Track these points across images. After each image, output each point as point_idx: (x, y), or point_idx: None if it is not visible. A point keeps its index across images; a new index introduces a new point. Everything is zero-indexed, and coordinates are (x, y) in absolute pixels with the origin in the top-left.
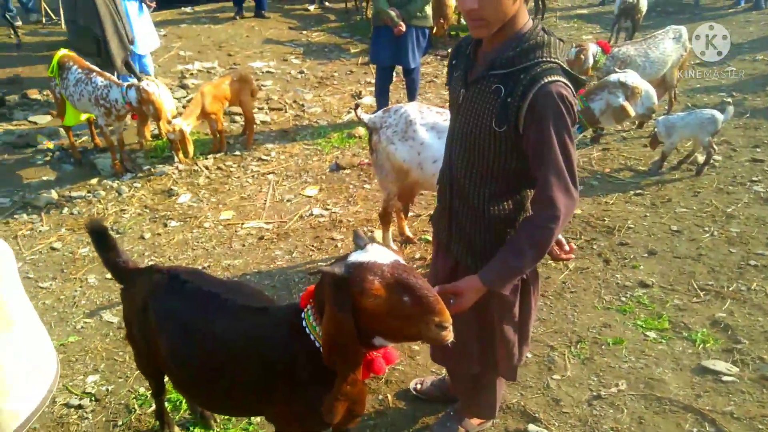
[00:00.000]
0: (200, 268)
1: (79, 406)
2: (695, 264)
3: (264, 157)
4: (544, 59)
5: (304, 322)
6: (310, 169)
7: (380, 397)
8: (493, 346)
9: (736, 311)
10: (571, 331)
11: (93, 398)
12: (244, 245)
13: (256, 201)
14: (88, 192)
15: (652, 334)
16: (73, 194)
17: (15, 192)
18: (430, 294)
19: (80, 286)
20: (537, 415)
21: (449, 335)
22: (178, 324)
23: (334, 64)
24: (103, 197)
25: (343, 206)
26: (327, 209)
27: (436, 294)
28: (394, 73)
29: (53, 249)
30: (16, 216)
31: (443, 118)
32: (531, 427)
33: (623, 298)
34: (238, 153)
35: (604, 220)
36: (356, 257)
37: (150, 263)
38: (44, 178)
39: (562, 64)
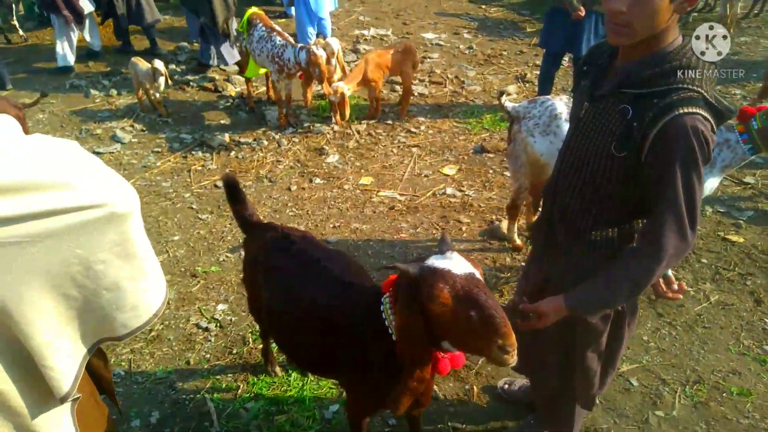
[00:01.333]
0: (331, 226)
1: (206, 329)
2: None
3: (413, 129)
4: (686, 86)
5: (381, 307)
6: (454, 148)
7: (467, 387)
8: (572, 368)
9: None
10: (692, 369)
11: (218, 324)
12: (374, 212)
13: (396, 171)
14: (254, 140)
15: None
16: (242, 140)
17: (197, 131)
18: (497, 314)
19: (230, 223)
20: None
21: (511, 360)
22: (277, 280)
23: (506, 42)
24: (265, 146)
25: (478, 190)
26: (461, 190)
27: (504, 315)
28: (565, 60)
29: (216, 186)
30: (193, 152)
31: None
32: None
33: (766, 347)
34: (390, 122)
35: None
36: (434, 261)
37: (290, 214)
38: (222, 121)
39: (705, 94)
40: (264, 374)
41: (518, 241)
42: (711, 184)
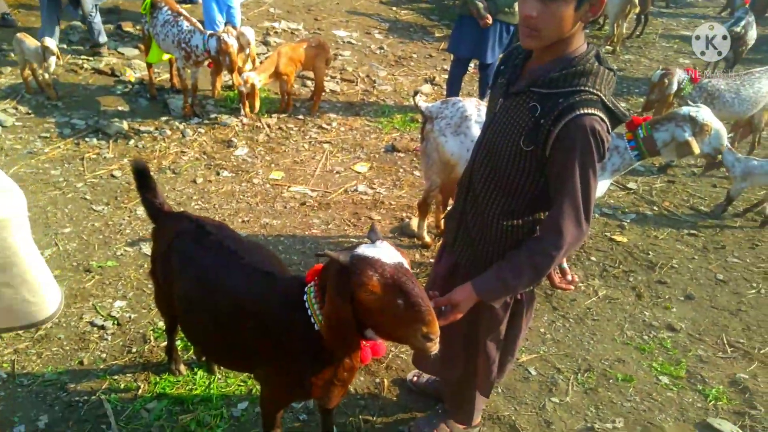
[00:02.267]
0: (240, 221)
1: (102, 327)
2: (731, 318)
3: (325, 126)
4: (587, 89)
5: (305, 297)
6: (365, 146)
7: (377, 380)
8: (475, 357)
9: (760, 375)
10: (583, 358)
11: (116, 322)
12: (285, 207)
13: (307, 167)
14: (156, 129)
15: (664, 379)
16: (142, 128)
17: (91, 116)
18: (423, 303)
19: (128, 216)
20: (522, 431)
21: (434, 347)
22: (193, 271)
23: (416, 45)
24: (168, 136)
25: (389, 188)
26: (372, 188)
27: (429, 305)
28: (471, 66)
29: (113, 176)
30: (87, 139)
31: None
32: None
33: (645, 337)
34: (301, 117)
35: (648, 254)
36: (363, 250)
37: (196, 207)
38: (119, 108)
39: (603, 97)
40: (167, 373)
41: (427, 239)
42: (602, 187)
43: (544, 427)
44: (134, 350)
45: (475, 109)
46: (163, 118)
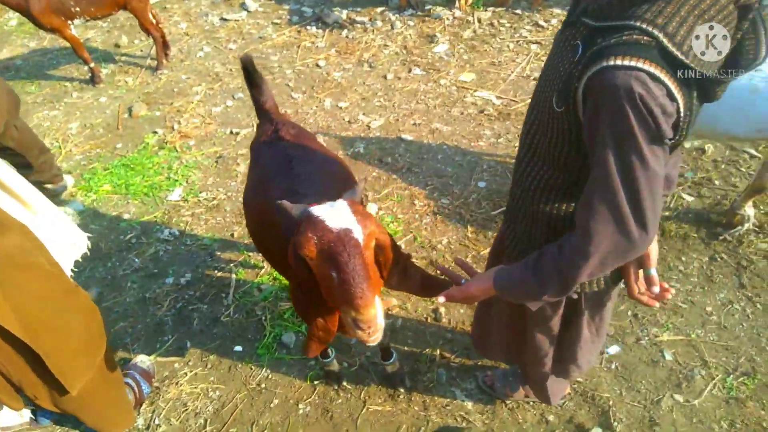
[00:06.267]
0: (412, 123)
1: None
2: None
3: (542, 23)
4: (639, 24)
5: None
6: None
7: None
8: (524, 347)
9: None
10: (749, 357)
11: None
12: (462, 113)
13: (503, 70)
14: (370, 20)
15: None
16: (358, 18)
17: (318, 5)
18: (353, 283)
19: (316, 106)
20: (614, 421)
21: (366, 338)
22: (256, 171)
23: None
24: (378, 28)
25: None
26: None
27: (364, 287)
28: None
29: (317, 66)
30: (308, 27)
31: None
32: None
33: None
34: (519, 12)
35: None
36: (316, 208)
37: (376, 104)
38: None
39: (665, 40)
40: None
41: None
42: None
43: (646, 425)
44: None
45: None
46: (380, 9)
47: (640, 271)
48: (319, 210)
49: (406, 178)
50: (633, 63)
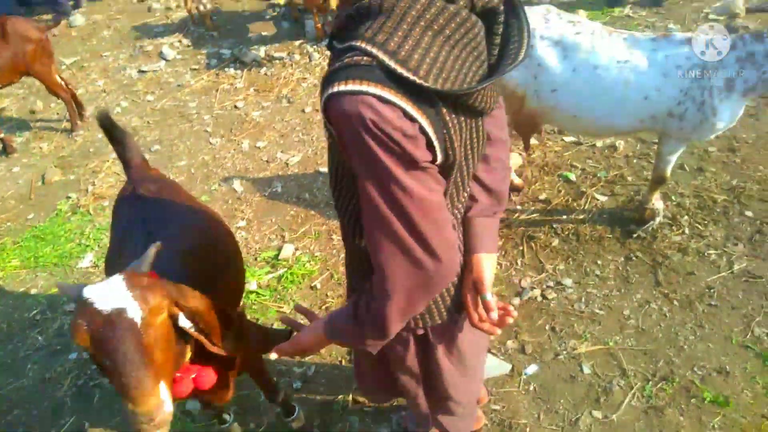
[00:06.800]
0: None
1: None
2: None
3: None
4: (359, 45)
5: None
6: None
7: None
8: (394, 388)
9: None
10: (668, 360)
11: None
12: None
13: None
14: (288, 54)
15: None
16: (275, 54)
17: (236, 45)
18: (126, 373)
19: (234, 149)
20: None
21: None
22: (114, 233)
23: None
24: (296, 61)
25: None
26: None
27: (140, 375)
28: None
29: (236, 107)
30: (226, 69)
31: (574, 30)
32: None
33: None
34: None
35: None
36: (90, 288)
37: (295, 139)
38: (263, 33)
39: (385, 60)
40: None
41: (518, 180)
42: (732, 113)
43: None
44: None
45: (542, 20)
46: (297, 42)
47: (480, 297)
48: (90, 290)
49: (324, 212)
50: (356, 87)
